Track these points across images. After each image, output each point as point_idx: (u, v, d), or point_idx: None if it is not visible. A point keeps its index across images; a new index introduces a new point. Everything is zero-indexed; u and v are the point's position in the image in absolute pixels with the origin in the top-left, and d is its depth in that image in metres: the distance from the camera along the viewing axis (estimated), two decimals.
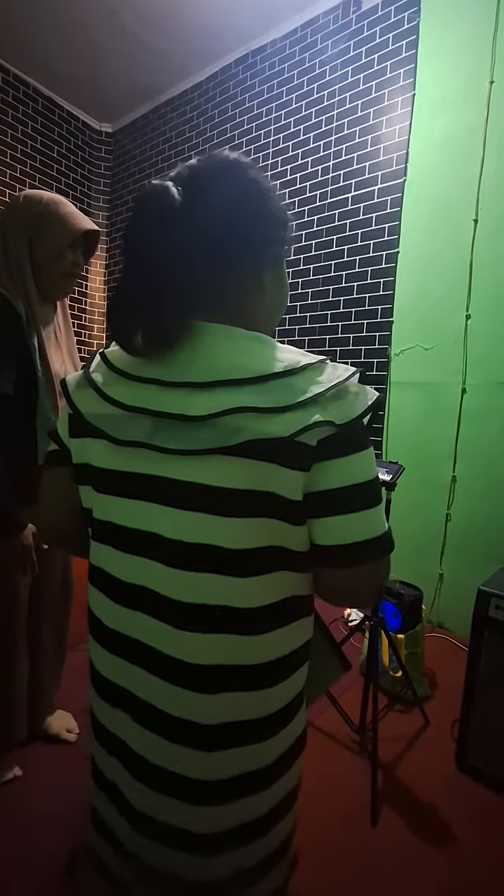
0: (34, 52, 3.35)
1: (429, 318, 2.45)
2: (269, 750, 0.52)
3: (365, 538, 0.48)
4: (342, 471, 0.47)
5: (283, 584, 0.50)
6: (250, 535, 0.46)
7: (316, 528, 0.49)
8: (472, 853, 1.25)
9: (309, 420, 0.44)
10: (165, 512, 0.48)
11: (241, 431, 0.44)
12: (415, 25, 2.45)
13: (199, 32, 3.08)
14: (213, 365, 0.47)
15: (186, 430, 0.46)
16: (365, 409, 0.48)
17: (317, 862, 1.21)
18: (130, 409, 0.49)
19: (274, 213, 0.55)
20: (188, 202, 0.48)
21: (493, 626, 1.42)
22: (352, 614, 2.45)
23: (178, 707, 0.49)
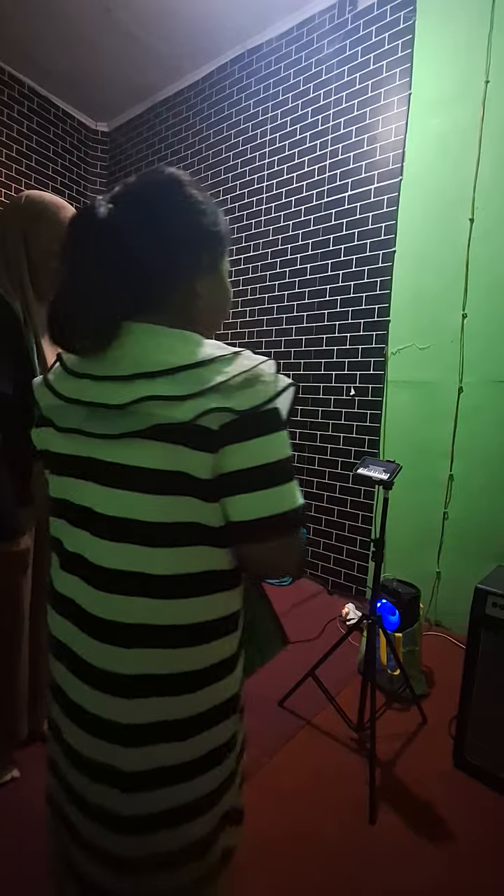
0: (29, 50, 3.34)
1: (425, 316, 2.46)
2: (188, 704, 0.57)
3: (271, 514, 0.53)
4: (246, 453, 0.52)
5: (200, 558, 0.56)
6: (167, 511, 0.52)
7: (227, 505, 0.54)
8: (470, 850, 1.25)
9: (208, 406, 0.50)
10: (97, 489, 0.55)
11: (151, 417, 0.51)
12: (410, 25, 2.45)
13: (195, 31, 3.07)
14: (137, 360, 0.54)
15: (110, 418, 0.53)
16: (271, 397, 0.52)
17: (314, 858, 1.21)
18: (70, 401, 0.57)
19: (203, 225, 0.60)
20: (117, 217, 0.55)
21: (490, 623, 1.43)
22: (350, 613, 2.46)
23: (102, 659, 0.56)
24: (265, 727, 1.65)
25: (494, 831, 1.31)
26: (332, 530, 2.89)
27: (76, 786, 0.60)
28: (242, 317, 3.29)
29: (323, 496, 2.93)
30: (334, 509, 2.88)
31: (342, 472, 2.83)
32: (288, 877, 1.17)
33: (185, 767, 0.57)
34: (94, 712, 0.57)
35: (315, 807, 1.36)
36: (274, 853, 1.22)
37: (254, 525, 0.53)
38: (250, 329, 3.25)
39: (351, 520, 2.81)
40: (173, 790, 0.57)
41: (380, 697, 1.76)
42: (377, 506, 2.67)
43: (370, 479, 1.52)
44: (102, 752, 0.57)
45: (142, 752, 0.56)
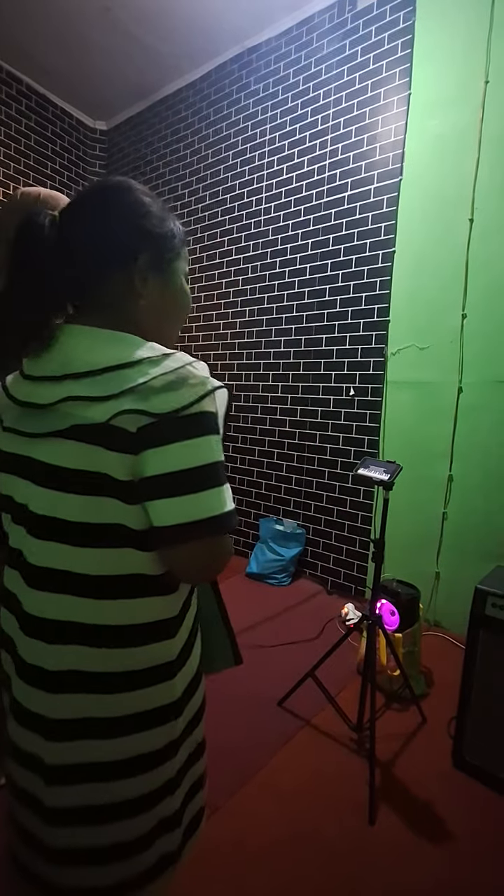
0: (27, 48, 3.33)
1: (425, 317, 2.46)
2: (113, 704, 0.57)
3: (191, 519, 0.53)
4: (166, 457, 0.51)
5: (125, 560, 0.55)
6: (89, 511, 0.52)
7: (148, 509, 0.53)
8: (469, 850, 1.26)
9: (122, 407, 0.50)
10: (30, 487, 0.56)
11: (70, 417, 0.51)
12: (410, 25, 2.45)
13: (194, 30, 3.07)
14: (67, 361, 0.54)
15: (36, 416, 0.54)
16: (193, 400, 0.51)
17: (314, 858, 1.21)
18: (14, 401, 0.59)
19: (140, 225, 0.60)
20: (56, 220, 0.58)
21: (489, 624, 1.43)
22: (349, 613, 2.46)
23: (30, 654, 0.57)
24: (265, 727, 1.65)
25: (494, 831, 1.32)
26: (332, 530, 2.89)
27: (14, 775, 0.62)
28: (242, 317, 3.29)
29: (322, 496, 2.93)
30: (334, 509, 2.88)
31: (342, 472, 2.83)
32: (287, 877, 1.17)
33: (110, 767, 0.57)
34: (25, 705, 0.58)
35: (315, 807, 1.36)
36: (273, 853, 1.22)
37: (173, 530, 0.53)
38: (250, 329, 3.25)
39: (350, 520, 2.81)
40: (95, 787, 0.57)
41: (379, 698, 1.76)
42: (377, 506, 2.68)
43: (370, 480, 1.52)
44: (29, 742, 0.58)
45: (64, 747, 0.57)
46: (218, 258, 3.42)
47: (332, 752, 1.57)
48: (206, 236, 3.49)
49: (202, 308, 3.54)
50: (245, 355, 3.29)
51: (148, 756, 0.60)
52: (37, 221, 0.57)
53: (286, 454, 3.10)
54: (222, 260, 3.39)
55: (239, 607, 2.47)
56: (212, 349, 3.49)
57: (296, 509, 3.07)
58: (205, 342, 3.54)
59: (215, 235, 3.43)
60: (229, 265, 3.36)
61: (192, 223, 3.56)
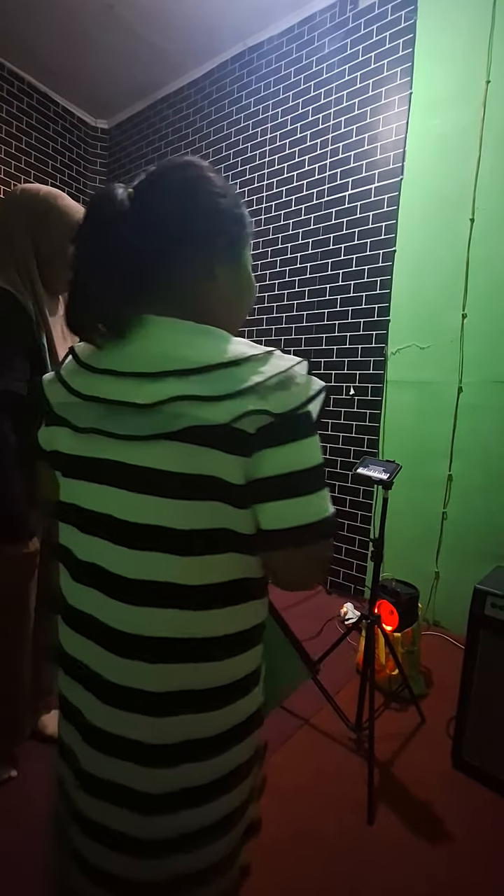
0: (29, 46, 3.32)
1: (425, 316, 2.46)
2: (215, 720, 0.54)
3: (304, 522, 0.50)
4: (282, 458, 0.49)
5: (230, 566, 0.53)
6: (195, 517, 0.49)
7: (260, 512, 0.51)
8: (468, 850, 1.25)
9: (245, 408, 0.47)
10: (117, 494, 0.51)
11: (183, 417, 0.47)
12: (412, 24, 2.45)
13: (196, 29, 3.06)
14: (161, 356, 0.50)
15: (135, 417, 0.49)
16: (306, 400, 0.50)
17: (313, 859, 1.21)
18: (87, 398, 0.53)
19: (223, 209, 0.57)
20: (136, 201, 0.53)
21: (489, 624, 1.43)
22: (348, 612, 2.46)
23: (129, 677, 0.52)
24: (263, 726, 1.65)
25: (492, 831, 1.31)
26: None
27: (88, 811, 0.56)
28: None
29: None
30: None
31: (341, 472, 2.83)
32: (287, 876, 1.17)
33: (211, 787, 0.55)
34: (116, 732, 0.53)
35: (314, 807, 1.36)
36: (273, 853, 1.22)
37: (284, 534, 0.50)
38: (250, 328, 3.24)
39: (350, 519, 2.81)
40: (199, 811, 0.54)
41: (378, 697, 1.76)
42: (376, 505, 2.67)
43: (370, 479, 1.52)
44: (121, 773, 0.53)
45: (166, 773, 0.53)
46: None
47: (331, 752, 1.57)
48: None
49: None
50: None
51: (243, 766, 0.58)
52: (115, 195, 0.52)
53: None
54: None
55: None
56: None
57: None
58: None
59: None
60: None
61: None
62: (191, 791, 0.54)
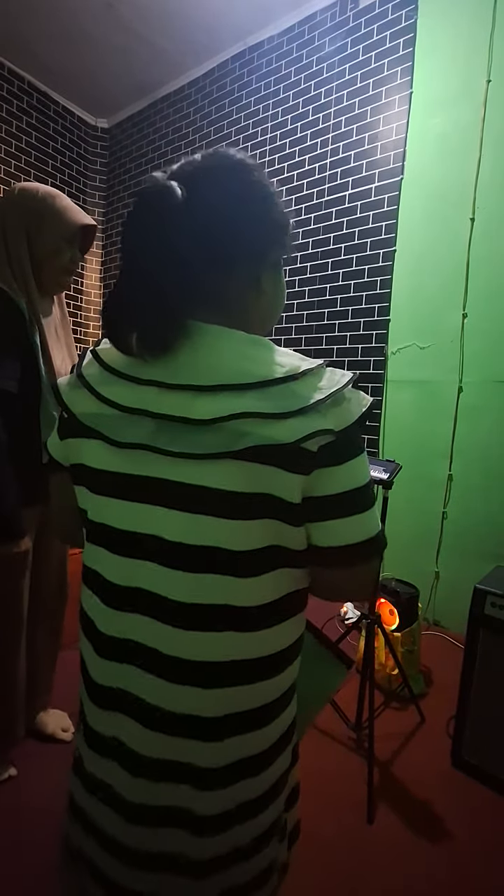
0: (29, 46, 3.32)
1: (425, 316, 2.45)
2: (266, 736, 0.54)
3: (360, 539, 0.50)
4: (341, 477, 0.48)
5: (282, 581, 0.52)
6: (252, 537, 0.47)
7: (315, 530, 0.50)
8: (468, 849, 1.26)
9: (313, 427, 0.45)
10: (168, 514, 0.48)
11: (247, 436, 0.45)
12: (412, 23, 2.45)
13: (196, 28, 3.06)
14: (214, 368, 0.47)
15: (191, 433, 0.46)
16: (360, 416, 0.50)
17: (313, 858, 1.21)
18: (129, 411, 0.49)
19: (276, 217, 0.55)
20: (190, 201, 0.48)
21: (488, 623, 1.43)
22: (348, 612, 2.46)
23: (181, 703, 0.51)
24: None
25: (492, 830, 1.31)
26: None
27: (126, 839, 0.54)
28: None
29: None
30: None
31: None
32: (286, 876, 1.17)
33: (260, 800, 0.55)
34: (167, 758, 0.51)
35: (313, 806, 1.36)
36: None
37: (343, 551, 0.50)
38: None
39: None
40: (248, 825, 0.54)
41: (378, 697, 1.76)
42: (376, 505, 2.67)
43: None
44: (173, 796, 0.52)
45: (220, 794, 0.52)
46: None
47: (330, 751, 1.57)
48: None
49: None
50: None
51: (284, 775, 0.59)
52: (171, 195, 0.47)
53: None
54: None
55: None
56: None
57: None
58: None
59: None
60: None
61: None
62: (244, 806, 0.54)
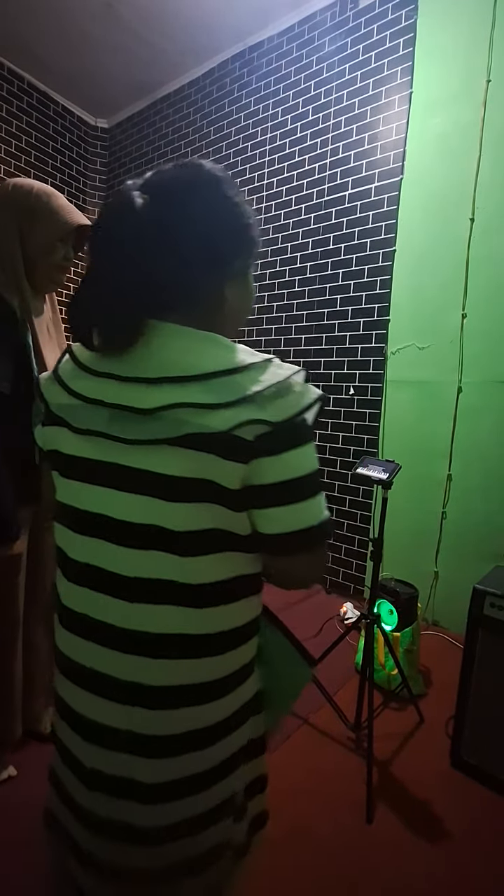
0: (29, 46, 3.32)
1: (425, 316, 2.46)
2: (214, 711, 0.57)
3: (300, 528, 0.53)
4: (279, 466, 0.51)
5: (228, 564, 0.55)
6: (194, 518, 0.51)
7: (256, 518, 0.53)
8: (467, 849, 1.26)
9: (245, 417, 0.48)
10: (118, 496, 0.52)
11: (185, 424, 0.48)
12: (412, 23, 2.45)
13: (196, 28, 3.06)
14: (164, 362, 0.51)
15: (138, 422, 0.50)
16: (303, 408, 0.51)
17: (312, 857, 1.21)
18: (90, 401, 0.53)
19: (241, 229, 0.58)
20: (155, 211, 0.51)
21: (487, 623, 1.43)
22: (348, 612, 2.46)
23: (130, 672, 0.54)
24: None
25: (491, 830, 1.32)
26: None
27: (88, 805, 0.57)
28: None
29: None
30: (333, 508, 2.88)
31: (341, 472, 2.83)
32: (285, 876, 1.17)
33: (208, 774, 0.57)
34: (117, 726, 0.54)
35: (312, 805, 1.36)
36: (271, 852, 1.22)
37: (282, 538, 0.53)
38: (249, 327, 3.24)
39: (349, 519, 2.81)
40: (197, 798, 0.56)
41: (377, 697, 1.76)
42: (376, 505, 2.67)
43: (369, 479, 1.52)
44: (122, 765, 0.55)
45: (166, 763, 0.55)
46: None
47: (330, 751, 1.57)
48: None
49: None
50: None
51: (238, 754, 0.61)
52: (135, 205, 0.51)
53: None
54: None
55: None
56: None
57: None
58: None
59: None
60: None
61: None
62: (189, 779, 0.56)
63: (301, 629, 2.32)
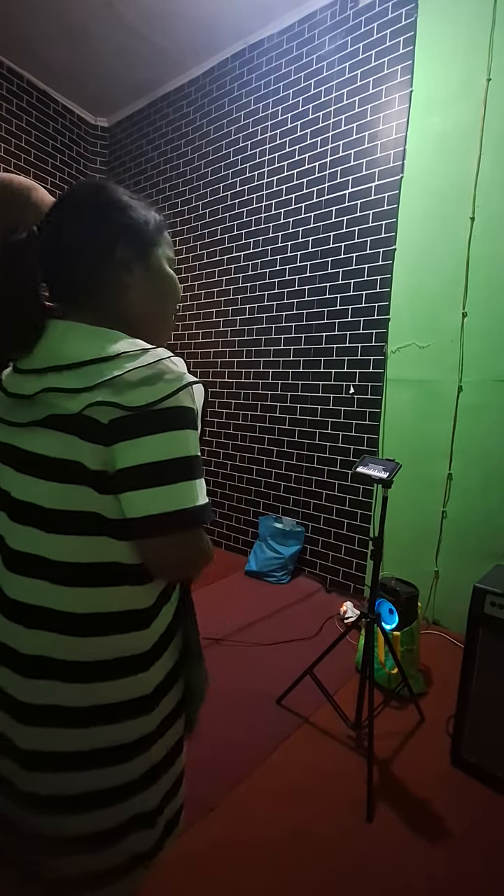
0: (28, 44, 3.32)
1: (425, 315, 2.45)
2: (83, 693, 0.58)
3: (164, 511, 0.54)
4: (138, 450, 0.52)
5: (100, 548, 0.56)
6: (64, 498, 0.54)
7: (121, 501, 0.55)
8: (467, 848, 1.26)
9: (97, 398, 0.52)
10: (12, 474, 0.57)
11: (49, 407, 0.54)
12: (412, 22, 2.44)
13: (196, 26, 3.05)
14: (52, 354, 0.57)
15: (20, 407, 0.57)
16: (167, 395, 0.53)
17: (311, 856, 1.21)
18: (4, 392, 0.61)
19: (114, 218, 0.63)
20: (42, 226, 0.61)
21: (488, 622, 1.43)
22: (347, 611, 2.46)
23: (8, 637, 0.58)
24: (263, 725, 1.65)
25: (491, 829, 1.32)
26: (331, 528, 2.89)
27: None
28: (242, 314, 3.29)
29: (322, 494, 2.93)
30: (333, 507, 2.88)
31: (341, 471, 2.83)
32: (285, 874, 1.17)
33: (80, 757, 0.58)
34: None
35: (313, 804, 1.36)
36: (271, 851, 1.22)
37: (145, 521, 0.54)
38: (250, 326, 3.24)
39: (349, 518, 2.81)
40: (69, 776, 0.58)
41: (378, 696, 1.76)
42: (376, 504, 2.67)
43: (369, 478, 1.52)
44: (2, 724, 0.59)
45: (36, 732, 0.57)
46: (218, 255, 3.41)
47: (330, 750, 1.57)
48: (206, 233, 3.48)
49: (202, 305, 3.53)
50: (245, 353, 3.29)
51: (118, 748, 0.60)
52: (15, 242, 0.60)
53: (285, 452, 3.10)
54: (223, 257, 3.39)
55: (238, 605, 2.47)
56: (211, 346, 3.49)
57: (295, 507, 3.07)
58: (205, 339, 3.54)
59: (216, 232, 3.42)
60: (229, 262, 3.35)
61: (193, 220, 3.56)
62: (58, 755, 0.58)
63: (301, 628, 2.32)
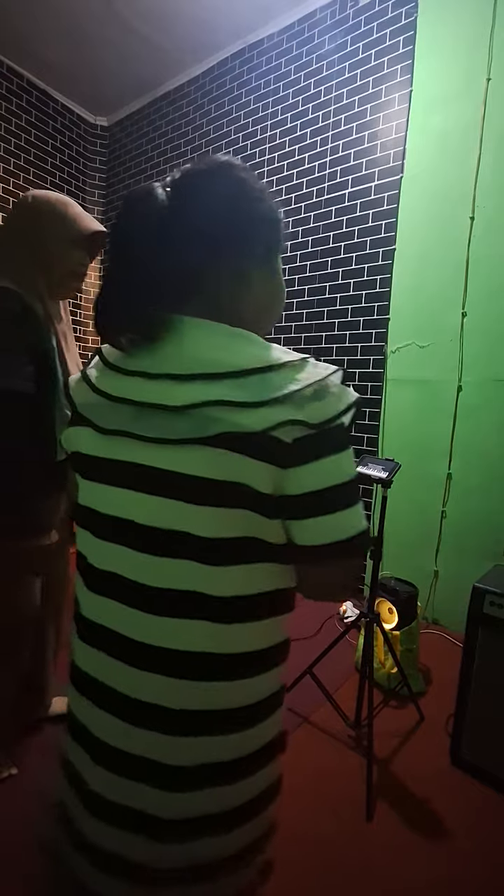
0: (28, 43, 3.31)
1: (425, 315, 2.45)
2: (236, 744, 0.52)
3: (340, 538, 0.49)
4: (318, 473, 0.47)
5: (261, 576, 0.51)
6: (223, 524, 0.47)
7: (292, 527, 0.50)
8: (467, 847, 1.26)
9: (283, 417, 0.45)
10: (142, 498, 0.48)
11: (217, 423, 0.45)
12: (412, 21, 2.44)
13: (196, 26, 3.05)
14: (193, 358, 0.48)
15: (165, 420, 0.47)
16: (342, 411, 0.48)
17: (311, 856, 1.22)
18: (115, 399, 0.51)
19: (260, 212, 0.56)
20: (173, 202, 0.51)
21: (487, 622, 1.43)
22: (347, 611, 2.46)
23: (147, 692, 0.50)
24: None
25: (491, 828, 1.32)
26: None
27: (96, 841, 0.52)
28: None
29: None
30: None
31: None
32: (285, 874, 1.17)
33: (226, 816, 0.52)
34: (134, 753, 0.50)
35: (312, 804, 1.36)
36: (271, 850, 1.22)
37: (319, 550, 0.49)
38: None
39: None
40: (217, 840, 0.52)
41: (377, 695, 1.76)
42: (375, 504, 2.67)
43: (369, 478, 1.52)
44: (139, 797, 0.51)
45: (186, 798, 0.50)
46: None
47: (329, 749, 1.57)
48: None
49: None
50: None
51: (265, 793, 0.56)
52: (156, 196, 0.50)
53: None
54: None
55: None
56: None
57: None
58: None
59: None
60: None
61: None
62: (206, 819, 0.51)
63: (300, 628, 2.32)
